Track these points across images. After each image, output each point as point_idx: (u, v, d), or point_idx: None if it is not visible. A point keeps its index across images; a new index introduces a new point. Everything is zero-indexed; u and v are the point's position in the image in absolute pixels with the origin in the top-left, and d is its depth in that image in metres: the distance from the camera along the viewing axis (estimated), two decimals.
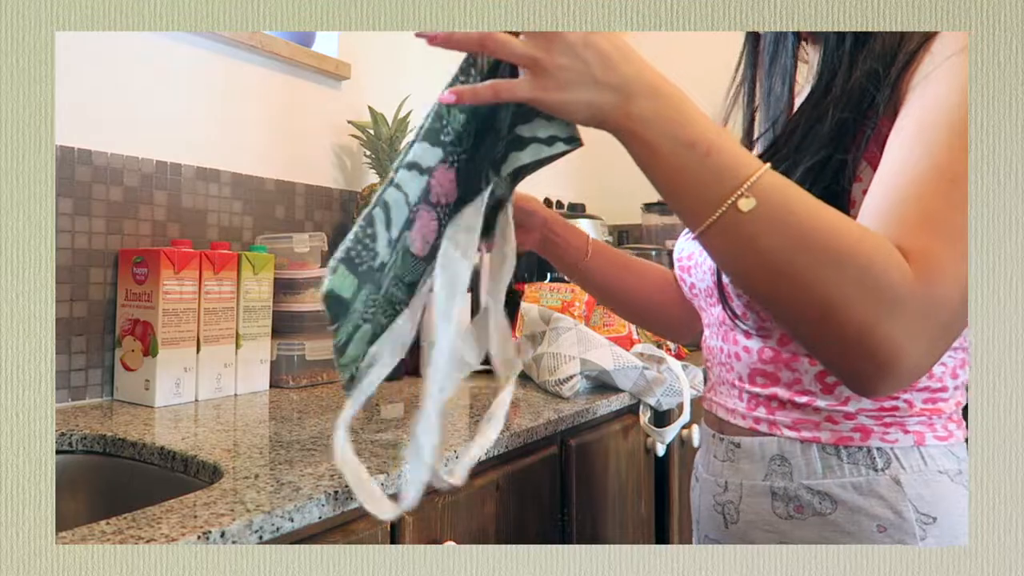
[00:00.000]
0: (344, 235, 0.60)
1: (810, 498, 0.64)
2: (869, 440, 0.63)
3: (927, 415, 0.64)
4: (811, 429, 0.65)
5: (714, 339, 0.75)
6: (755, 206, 0.49)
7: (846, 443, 0.63)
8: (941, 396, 0.64)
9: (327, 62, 1.45)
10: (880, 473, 0.62)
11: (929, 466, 0.62)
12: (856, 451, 0.63)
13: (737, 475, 0.70)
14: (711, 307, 0.74)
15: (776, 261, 0.50)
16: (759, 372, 0.69)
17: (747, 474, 0.69)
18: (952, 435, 0.64)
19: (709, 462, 0.75)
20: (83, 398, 1.06)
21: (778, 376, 0.67)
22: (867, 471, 0.63)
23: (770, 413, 0.68)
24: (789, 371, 0.66)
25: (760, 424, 0.68)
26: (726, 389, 0.73)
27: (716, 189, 0.50)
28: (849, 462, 0.63)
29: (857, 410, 0.63)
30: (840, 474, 0.63)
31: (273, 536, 0.61)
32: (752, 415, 0.69)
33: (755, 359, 0.69)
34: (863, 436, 0.63)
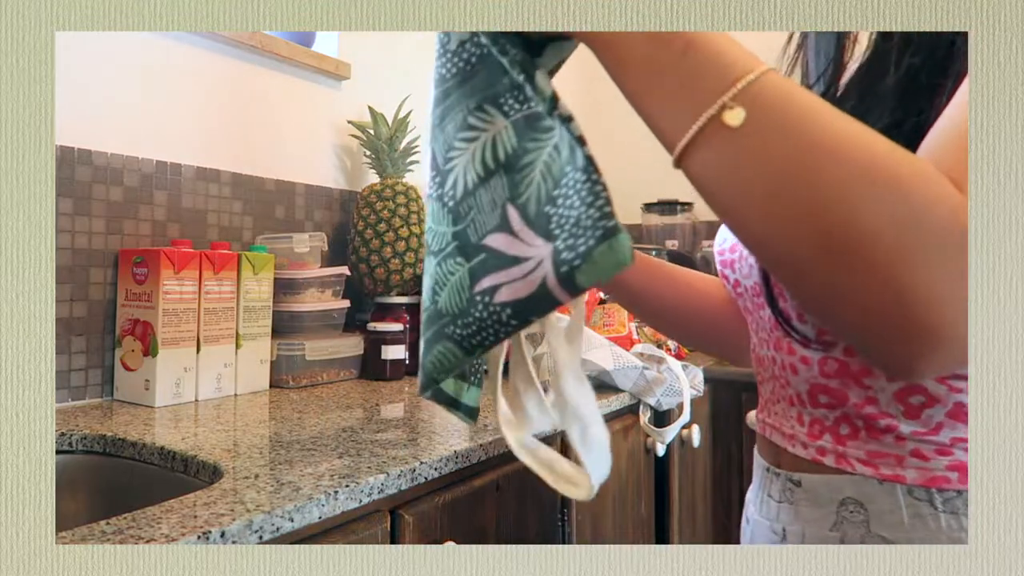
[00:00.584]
0: (344, 235, 0.60)
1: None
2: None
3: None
4: (892, 465, 0.51)
5: (764, 347, 0.61)
6: (745, 119, 0.36)
7: (940, 485, 0.50)
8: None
9: (327, 62, 1.45)
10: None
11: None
12: (955, 496, 0.49)
13: (797, 521, 0.56)
14: (758, 308, 0.61)
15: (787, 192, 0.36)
16: (821, 389, 0.54)
17: (810, 521, 0.55)
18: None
19: (763, 501, 0.61)
20: (83, 398, 1.06)
21: (846, 394, 0.53)
22: (965, 518, 0.50)
23: (838, 442, 0.53)
24: (860, 388, 0.52)
25: (826, 456, 0.54)
26: (782, 409, 0.59)
27: (695, 96, 0.38)
28: (946, 511, 0.50)
29: (951, 440, 0.50)
30: (935, 526, 0.50)
31: (273, 536, 0.61)
32: (815, 444, 0.55)
33: (815, 372, 0.55)
34: (962, 476, 0.49)
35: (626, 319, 1.46)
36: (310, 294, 1.26)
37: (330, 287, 1.30)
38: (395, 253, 1.36)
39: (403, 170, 1.45)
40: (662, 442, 1.25)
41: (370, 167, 1.47)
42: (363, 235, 1.37)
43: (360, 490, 0.68)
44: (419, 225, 1.40)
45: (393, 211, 1.37)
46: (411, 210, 1.39)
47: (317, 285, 1.28)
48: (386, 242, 1.36)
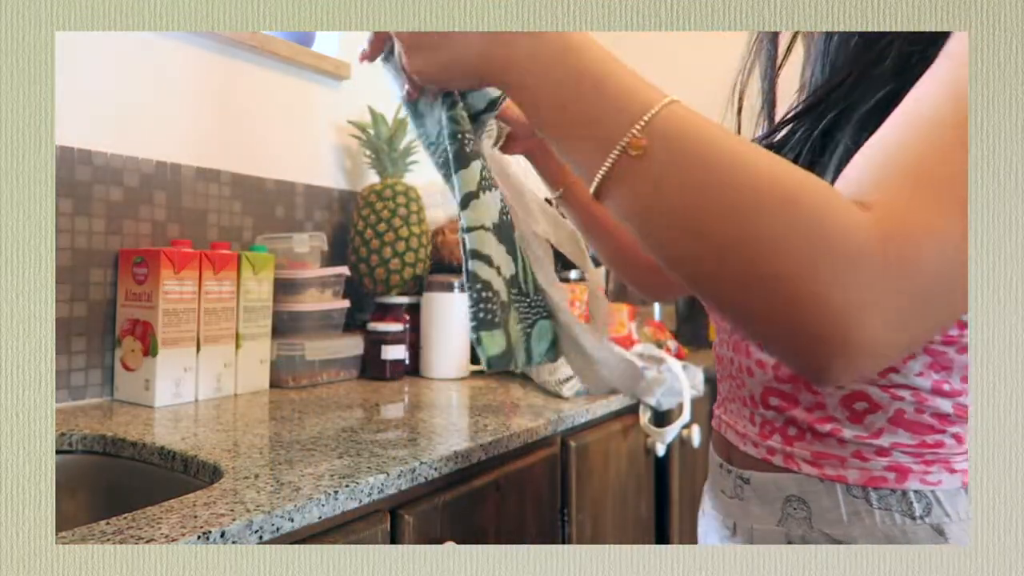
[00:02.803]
0: (344, 235, 0.60)
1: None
2: (906, 482, 0.52)
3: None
4: (835, 466, 0.54)
5: (723, 347, 0.64)
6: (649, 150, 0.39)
7: (878, 484, 0.53)
8: None
9: (327, 62, 1.45)
10: (918, 522, 0.52)
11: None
12: (889, 494, 0.52)
13: (747, 517, 0.59)
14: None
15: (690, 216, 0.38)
16: (774, 392, 0.57)
17: (758, 517, 0.58)
18: None
19: (715, 496, 0.64)
20: (83, 398, 1.06)
21: (796, 398, 0.56)
22: (902, 519, 0.52)
23: (786, 443, 0.57)
24: (810, 393, 0.55)
25: (774, 456, 0.57)
26: (736, 408, 0.62)
27: (604, 133, 0.40)
28: (880, 507, 0.53)
29: (892, 444, 0.52)
30: (870, 522, 0.53)
31: (273, 536, 0.61)
32: (766, 444, 0.58)
33: (770, 376, 0.57)
34: (899, 477, 0.52)
35: (626, 319, 1.46)
36: (310, 294, 1.26)
37: (330, 287, 1.30)
38: (395, 253, 1.36)
39: (403, 170, 1.45)
40: (662, 442, 1.25)
41: (370, 167, 1.47)
42: (363, 235, 1.37)
43: (360, 490, 0.68)
44: (419, 225, 1.40)
45: (393, 211, 1.37)
46: (411, 210, 1.39)
47: (317, 285, 1.28)
48: (386, 242, 1.36)
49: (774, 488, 0.57)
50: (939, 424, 0.52)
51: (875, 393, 0.52)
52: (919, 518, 0.52)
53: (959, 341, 0.51)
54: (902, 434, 0.52)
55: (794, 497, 0.56)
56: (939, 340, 0.51)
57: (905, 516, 0.52)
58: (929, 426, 0.51)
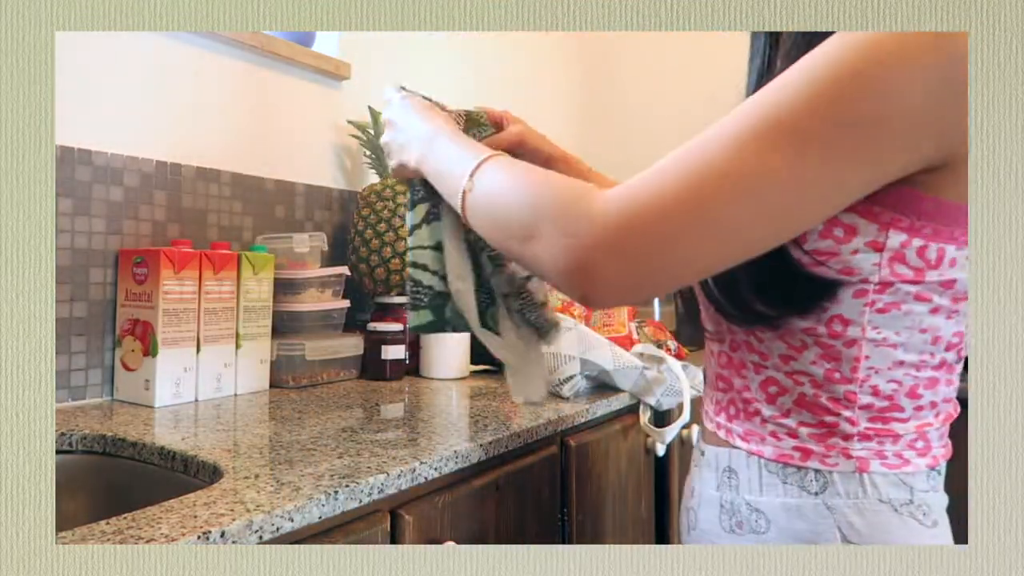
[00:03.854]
0: (344, 235, 0.61)
1: (748, 514, 0.63)
2: (808, 461, 0.60)
3: (876, 438, 0.60)
4: (757, 442, 0.63)
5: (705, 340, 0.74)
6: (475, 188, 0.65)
7: (786, 461, 0.61)
8: (894, 416, 0.60)
9: (327, 62, 1.45)
10: (814, 496, 0.60)
11: (869, 494, 0.59)
12: (795, 471, 0.61)
13: (700, 483, 0.68)
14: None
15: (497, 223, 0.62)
16: (720, 376, 0.67)
17: (706, 482, 0.67)
18: (908, 463, 0.60)
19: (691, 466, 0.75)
20: (83, 398, 1.06)
21: (732, 381, 0.65)
22: (800, 492, 0.61)
23: (728, 420, 0.66)
24: (740, 378, 0.64)
25: (720, 431, 0.67)
26: (707, 391, 0.72)
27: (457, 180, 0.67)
28: (786, 482, 0.61)
29: (798, 424, 0.61)
30: (776, 493, 0.61)
31: (273, 536, 0.61)
32: (715, 420, 0.68)
33: (715, 362, 0.68)
34: (803, 456, 0.61)
35: (626, 319, 1.46)
36: (310, 294, 1.26)
37: (330, 287, 1.30)
38: (395, 253, 1.36)
39: None
40: (662, 442, 1.25)
41: (370, 167, 1.47)
42: (363, 235, 1.37)
43: (360, 490, 0.68)
44: None
45: (393, 211, 1.37)
46: None
47: (317, 285, 1.28)
48: (386, 242, 1.36)
49: (716, 460, 0.66)
50: (834, 407, 0.60)
51: (781, 378, 0.61)
52: (815, 494, 0.60)
53: (844, 335, 0.58)
54: (805, 415, 0.61)
55: (728, 468, 0.65)
56: (824, 333, 0.58)
57: (803, 491, 0.61)
58: (826, 408, 0.59)
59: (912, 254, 0.55)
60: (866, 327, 0.57)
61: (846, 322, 0.57)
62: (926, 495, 0.60)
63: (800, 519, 0.60)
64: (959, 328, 0.60)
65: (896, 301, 0.56)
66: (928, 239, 0.54)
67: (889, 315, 0.57)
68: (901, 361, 0.59)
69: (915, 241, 0.54)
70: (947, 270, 0.56)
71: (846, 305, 0.57)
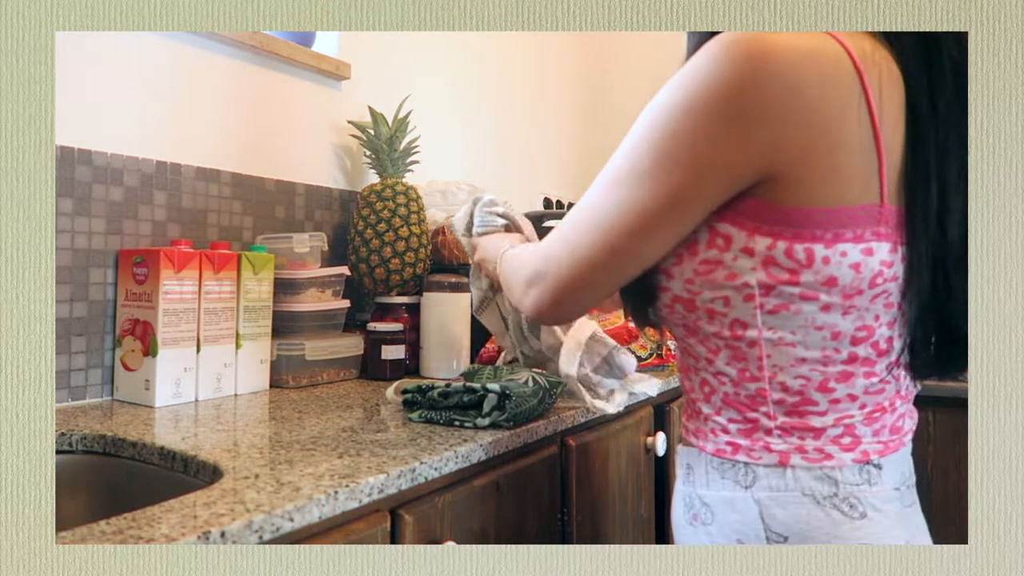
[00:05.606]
0: (344, 235, 0.61)
1: (700, 507, 0.67)
2: (737, 455, 0.64)
3: (796, 432, 0.62)
4: (702, 438, 0.68)
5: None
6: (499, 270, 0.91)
7: (721, 455, 0.65)
8: (809, 410, 0.62)
9: (327, 62, 1.45)
10: (744, 490, 0.64)
11: (791, 487, 0.62)
12: (731, 467, 0.65)
13: (677, 479, 0.73)
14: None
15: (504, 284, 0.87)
16: (680, 380, 0.73)
17: (679, 478, 0.72)
18: (831, 457, 0.62)
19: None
20: (83, 398, 1.06)
21: (684, 384, 0.72)
22: (734, 486, 0.64)
23: (688, 419, 0.71)
24: (687, 380, 0.70)
25: (683, 430, 0.73)
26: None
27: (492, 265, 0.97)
28: (724, 477, 0.65)
29: (728, 420, 0.65)
30: (718, 488, 0.66)
31: (273, 536, 0.61)
32: (683, 420, 0.73)
33: (678, 367, 0.74)
34: (733, 450, 0.65)
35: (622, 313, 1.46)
36: (310, 294, 1.26)
37: (330, 287, 1.30)
38: (395, 253, 1.36)
39: (403, 170, 1.45)
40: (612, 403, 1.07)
41: (370, 167, 1.46)
42: (363, 235, 1.37)
43: (360, 490, 0.68)
44: (419, 225, 1.40)
45: (393, 211, 1.37)
46: (411, 210, 1.39)
47: (317, 285, 1.28)
48: (386, 242, 1.36)
49: (680, 457, 0.72)
50: (751, 404, 0.64)
51: (710, 379, 0.67)
52: (746, 488, 0.64)
53: (745, 337, 0.62)
54: (732, 412, 0.65)
55: (688, 465, 0.70)
56: (729, 336, 0.63)
57: (737, 485, 0.64)
58: (745, 405, 0.64)
59: (781, 256, 0.59)
60: (761, 328, 0.61)
61: (744, 325, 0.62)
62: (856, 488, 0.62)
63: (733, 511, 0.64)
64: (863, 323, 0.61)
65: (784, 303, 0.60)
66: (791, 240, 0.58)
67: (779, 316, 0.61)
68: (803, 358, 0.62)
69: (780, 244, 0.58)
70: (823, 268, 0.58)
71: (740, 309, 0.61)
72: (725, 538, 0.64)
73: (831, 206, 0.57)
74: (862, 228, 0.58)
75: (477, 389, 0.93)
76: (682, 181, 0.58)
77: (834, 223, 0.57)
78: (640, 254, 0.63)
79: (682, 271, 0.63)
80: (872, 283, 0.59)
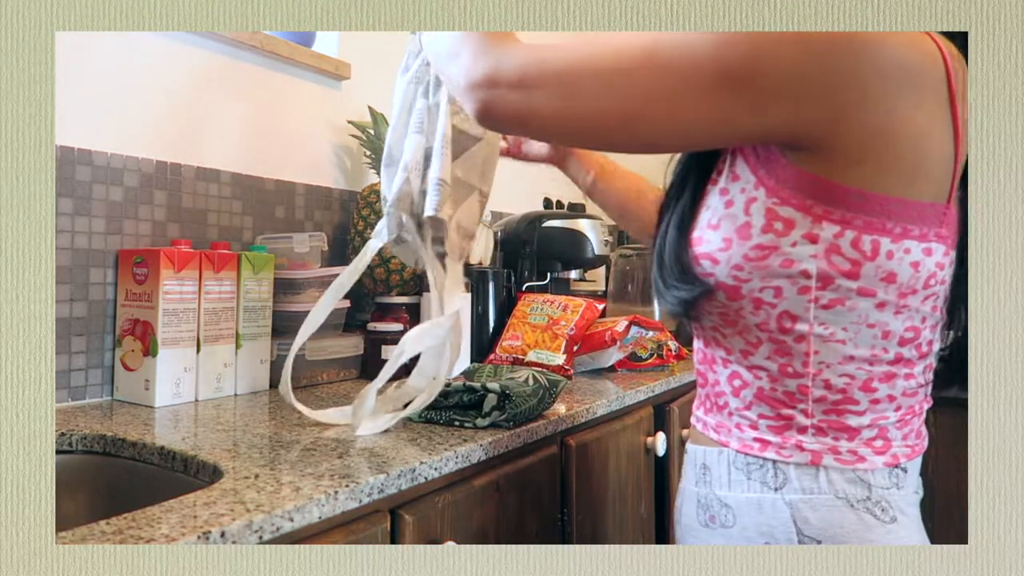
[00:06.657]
0: (344, 235, 0.61)
1: (719, 509, 0.65)
2: (766, 451, 0.62)
3: (831, 432, 0.61)
4: (725, 434, 0.66)
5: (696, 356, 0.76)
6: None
7: (748, 452, 0.63)
8: (849, 410, 0.61)
9: (327, 62, 1.45)
10: (774, 492, 0.62)
11: (825, 490, 0.60)
12: (758, 466, 0.63)
13: (685, 479, 0.72)
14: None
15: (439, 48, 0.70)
16: (699, 372, 0.71)
17: (688, 478, 0.70)
18: (863, 460, 0.61)
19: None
20: (83, 398, 1.06)
21: (707, 376, 0.69)
22: (762, 488, 0.62)
23: (705, 414, 0.69)
24: (712, 372, 0.68)
25: (699, 424, 0.70)
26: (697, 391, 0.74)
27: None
28: (750, 478, 0.63)
29: (758, 416, 0.63)
30: (742, 489, 0.63)
31: (273, 536, 0.61)
32: (696, 415, 0.71)
33: (697, 359, 0.71)
34: (761, 447, 0.63)
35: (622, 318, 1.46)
36: (310, 294, 1.26)
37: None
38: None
39: None
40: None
41: (370, 167, 1.46)
42: (363, 235, 1.37)
43: (360, 490, 0.68)
44: None
45: None
46: None
47: (317, 285, 1.28)
48: None
49: (695, 457, 0.70)
50: (789, 401, 0.62)
51: (743, 372, 0.64)
52: (776, 490, 0.62)
53: (793, 331, 0.60)
54: (764, 407, 0.63)
55: (704, 465, 0.68)
56: (775, 329, 0.61)
57: (764, 486, 0.62)
58: (782, 401, 0.62)
59: (846, 245, 0.57)
60: (812, 323, 0.59)
61: (794, 318, 0.60)
62: (887, 492, 0.61)
63: (760, 513, 0.62)
64: (912, 323, 0.61)
65: (839, 297, 0.58)
66: (860, 230, 0.57)
67: (834, 311, 0.59)
68: (851, 356, 0.60)
69: (848, 232, 0.57)
70: (885, 262, 0.58)
71: (792, 301, 0.59)
72: (748, 540, 0.63)
73: (911, 198, 0.56)
74: (927, 227, 0.58)
75: (477, 388, 0.93)
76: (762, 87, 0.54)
77: (905, 217, 0.57)
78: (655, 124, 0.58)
79: (729, 256, 0.60)
80: (926, 284, 0.59)
